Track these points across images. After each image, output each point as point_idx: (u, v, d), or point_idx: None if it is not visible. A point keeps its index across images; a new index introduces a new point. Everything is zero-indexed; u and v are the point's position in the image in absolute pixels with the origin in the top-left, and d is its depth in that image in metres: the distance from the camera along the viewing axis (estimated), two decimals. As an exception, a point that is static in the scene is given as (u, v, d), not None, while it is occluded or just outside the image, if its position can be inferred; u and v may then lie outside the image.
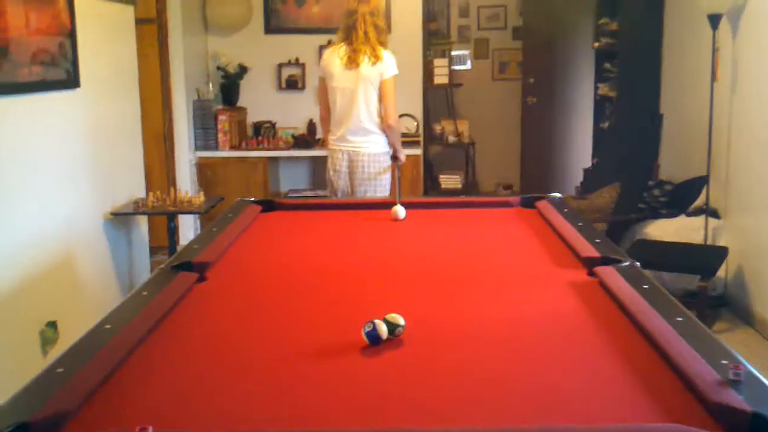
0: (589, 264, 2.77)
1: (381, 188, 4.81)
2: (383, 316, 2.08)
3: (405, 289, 2.62)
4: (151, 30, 6.41)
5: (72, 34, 4.39)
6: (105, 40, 5.03)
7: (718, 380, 1.71)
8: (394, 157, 4.85)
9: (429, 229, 3.57)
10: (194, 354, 2.07)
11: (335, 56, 4.73)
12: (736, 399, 1.61)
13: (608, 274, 2.57)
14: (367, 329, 2.04)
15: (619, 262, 2.72)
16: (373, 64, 4.65)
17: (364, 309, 2.25)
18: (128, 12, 5.44)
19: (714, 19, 5.29)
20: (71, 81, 4.43)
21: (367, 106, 4.70)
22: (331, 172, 4.85)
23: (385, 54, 4.70)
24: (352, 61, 4.66)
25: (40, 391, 1.72)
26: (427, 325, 2.22)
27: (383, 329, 2.04)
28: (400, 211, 3.71)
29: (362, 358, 2.00)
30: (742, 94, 5.23)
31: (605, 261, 2.75)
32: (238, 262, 2.99)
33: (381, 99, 4.72)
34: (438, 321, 2.29)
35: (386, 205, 3.85)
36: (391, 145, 4.82)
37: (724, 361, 1.80)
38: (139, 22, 5.79)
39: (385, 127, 4.74)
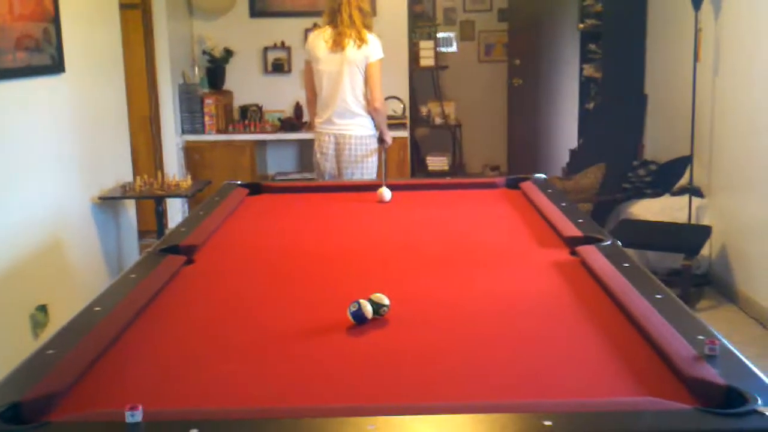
0: (572, 243, 2.81)
1: (368, 170, 4.84)
2: (369, 296, 2.12)
3: (391, 270, 2.66)
4: (136, 14, 6.40)
5: (56, 20, 4.39)
6: (89, 25, 5.02)
7: (694, 355, 1.75)
8: (381, 140, 4.89)
9: (415, 211, 3.60)
10: (182, 335, 2.10)
11: (320, 39, 4.74)
12: (711, 373, 1.66)
13: (590, 253, 2.61)
14: (352, 309, 2.07)
15: (601, 241, 2.76)
16: (359, 47, 4.67)
17: (350, 289, 2.29)
18: (112, -4, 5.44)
19: (696, 1, 5.32)
20: (56, 66, 4.43)
21: (352, 89, 4.73)
22: (318, 155, 4.88)
23: (371, 37, 4.72)
24: (338, 45, 4.68)
25: (31, 373, 1.74)
26: (411, 305, 2.26)
27: (368, 309, 2.07)
28: (385, 193, 3.74)
29: (348, 337, 2.03)
30: (724, 74, 5.27)
31: (587, 240, 2.79)
32: (225, 244, 3.02)
33: (367, 82, 4.74)
34: (422, 300, 2.33)
35: (373, 187, 3.87)
36: (377, 127, 4.85)
37: (701, 337, 1.84)
38: (123, 6, 5.78)
39: (372, 110, 4.78)
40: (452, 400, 1.66)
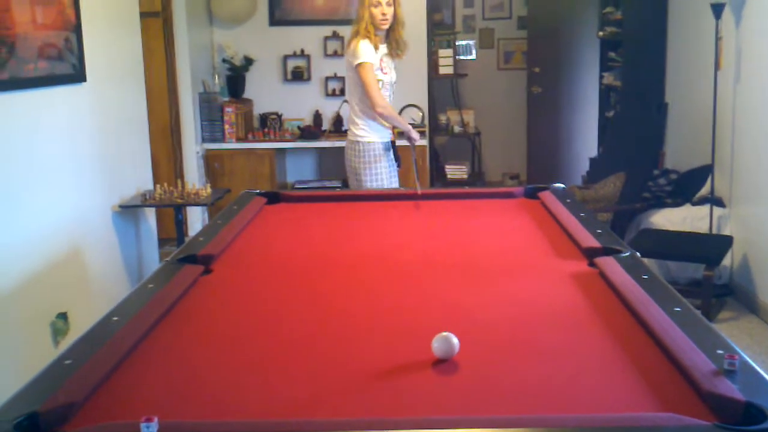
0: (590, 254, 2.79)
1: (371, 179, 4.66)
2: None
3: (407, 280, 2.65)
4: (157, 23, 6.45)
5: (77, 29, 4.43)
6: (110, 34, 5.06)
7: (713, 370, 1.73)
8: (408, 138, 4.73)
9: (432, 220, 3.59)
10: (199, 345, 2.10)
11: None
12: (730, 388, 1.64)
13: (608, 264, 2.60)
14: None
15: (620, 252, 2.74)
16: (346, 52, 4.70)
17: (366, 299, 2.29)
18: (133, 5, 5.47)
19: (717, 8, 5.29)
20: (78, 75, 4.46)
21: (352, 95, 4.72)
22: None
23: (354, 42, 4.59)
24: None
25: (49, 382, 1.75)
26: (428, 315, 2.26)
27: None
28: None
29: (361, 347, 2.03)
30: (745, 82, 5.23)
31: (606, 251, 2.78)
32: (242, 254, 3.03)
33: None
34: (439, 310, 2.32)
35: (392, 196, 3.87)
36: (397, 127, 4.72)
37: (720, 351, 1.82)
38: (144, 15, 5.82)
39: (376, 116, 4.66)
40: (466, 413, 1.65)
